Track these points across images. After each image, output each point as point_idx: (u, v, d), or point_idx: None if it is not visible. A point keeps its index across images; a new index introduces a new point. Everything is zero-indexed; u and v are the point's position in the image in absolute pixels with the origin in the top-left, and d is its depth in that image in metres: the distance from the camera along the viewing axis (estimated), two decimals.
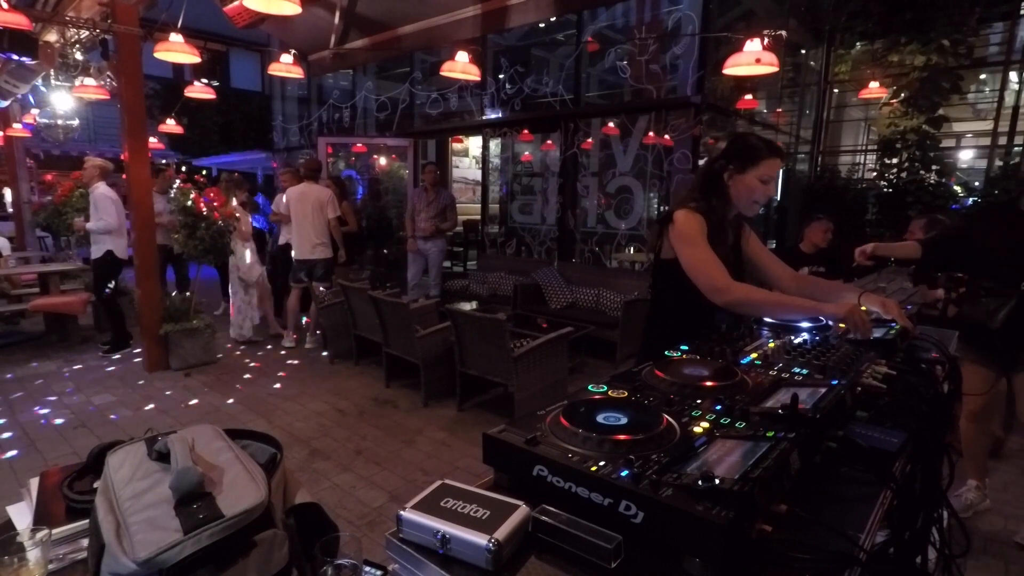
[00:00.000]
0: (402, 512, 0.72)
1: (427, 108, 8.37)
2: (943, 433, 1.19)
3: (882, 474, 0.87)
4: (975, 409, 2.72)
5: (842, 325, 1.44)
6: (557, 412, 0.89)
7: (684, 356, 1.28)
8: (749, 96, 6.33)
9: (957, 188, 6.60)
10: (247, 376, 4.90)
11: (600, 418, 0.87)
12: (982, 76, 7.33)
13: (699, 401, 0.98)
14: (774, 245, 7.87)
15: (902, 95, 6.34)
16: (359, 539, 0.84)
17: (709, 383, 1.06)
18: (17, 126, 8.03)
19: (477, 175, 10.83)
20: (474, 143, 11.24)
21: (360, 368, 5.13)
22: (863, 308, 1.49)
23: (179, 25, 4.43)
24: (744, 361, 1.23)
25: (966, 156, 8.31)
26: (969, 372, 2.64)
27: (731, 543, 0.63)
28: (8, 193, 10.13)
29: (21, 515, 0.99)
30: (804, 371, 1.14)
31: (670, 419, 0.88)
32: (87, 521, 0.83)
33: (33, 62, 5.71)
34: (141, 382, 4.73)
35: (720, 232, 1.81)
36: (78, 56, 5.84)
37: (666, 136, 5.97)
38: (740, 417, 0.90)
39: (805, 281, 1.92)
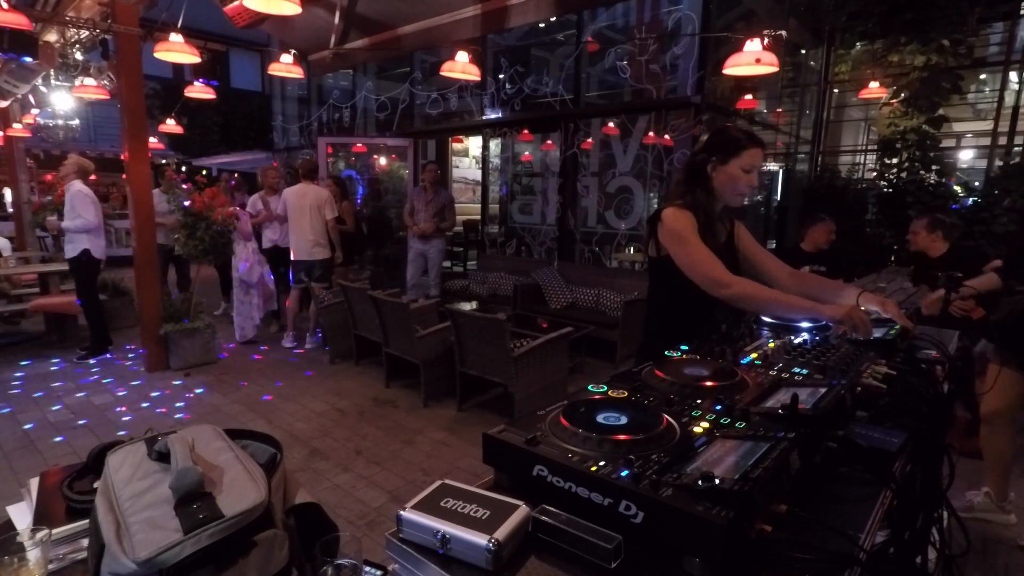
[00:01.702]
0: (402, 512, 0.72)
1: (427, 108, 8.37)
2: (943, 433, 1.19)
3: (882, 474, 0.87)
4: (987, 412, 2.69)
5: (842, 326, 1.44)
6: (557, 412, 0.89)
7: (684, 356, 1.28)
8: (749, 96, 6.33)
9: (957, 188, 6.59)
10: (247, 376, 4.90)
11: (600, 418, 0.87)
12: (982, 76, 7.32)
13: (699, 401, 0.98)
14: (774, 245, 7.87)
15: (902, 95, 6.33)
16: (359, 539, 0.84)
17: (709, 383, 1.06)
18: (17, 126, 8.03)
19: (477, 175, 10.83)
20: (474, 143, 11.25)
21: (360, 368, 5.13)
22: (862, 308, 1.49)
23: (179, 25, 4.43)
24: (744, 361, 1.24)
25: (966, 156, 8.31)
26: (991, 372, 2.63)
27: (731, 543, 0.63)
28: (8, 193, 10.13)
29: (21, 515, 0.99)
30: (804, 371, 1.15)
31: (670, 419, 0.88)
32: (87, 521, 0.83)
33: (33, 62, 5.71)
34: (141, 382, 4.73)
35: (710, 227, 1.82)
36: (78, 56, 5.84)
37: (666, 136, 5.97)
38: (740, 417, 0.90)
39: (803, 279, 1.92)
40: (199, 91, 6.30)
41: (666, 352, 1.31)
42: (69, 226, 4.95)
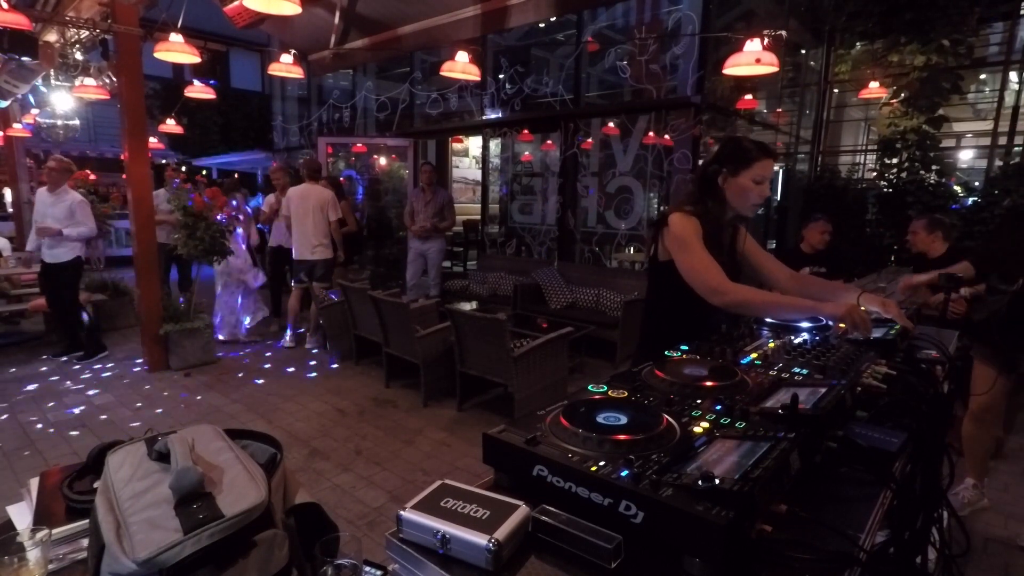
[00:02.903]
0: (402, 512, 0.72)
1: (427, 108, 8.37)
2: (943, 433, 1.19)
3: (882, 474, 0.87)
4: (978, 407, 2.73)
5: (842, 325, 1.44)
6: (557, 412, 0.89)
7: (684, 356, 1.28)
8: (749, 96, 6.33)
9: (957, 188, 6.59)
10: (247, 376, 4.90)
11: (600, 418, 0.87)
12: (982, 76, 7.32)
13: (699, 401, 0.98)
14: (774, 245, 7.87)
15: (902, 95, 6.33)
16: (359, 539, 0.84)
17: (709, 383, 1.06)
18: (17, 126, 8.03)
19: (477, 175, 10.83)
20: (474, 143, 11.24)
21: (360, 368, 5.12)
22: (862, 308, 1.49)
23: (179, 25, 4.43)
24: (744, 361, 1.24)
25: (966, 156, 8.31)
26: (978, 371, 2.66)
27: (731, 543, 0.63)
28: (8, 193, 10.13)
29: (21, 515, 0.99)
30: (804, 371, 1.15)
31: (670, 419, 0.88)
32: (87, 521, 0.83)
33: (33, 62, 5.71)
34: (141, 382, 4.73)
35: (717, 234, 1.82)
36: (78, 56, 5.84)
37: (666, 136, 5.97)
38: (740, 417, 0.90)
39: (804, 281, 1.92)
40: (199, 91, 6.30)
41: (665, 352, 1.31)
42: (72, 234, 4.91)
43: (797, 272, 2.01)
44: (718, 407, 0.94)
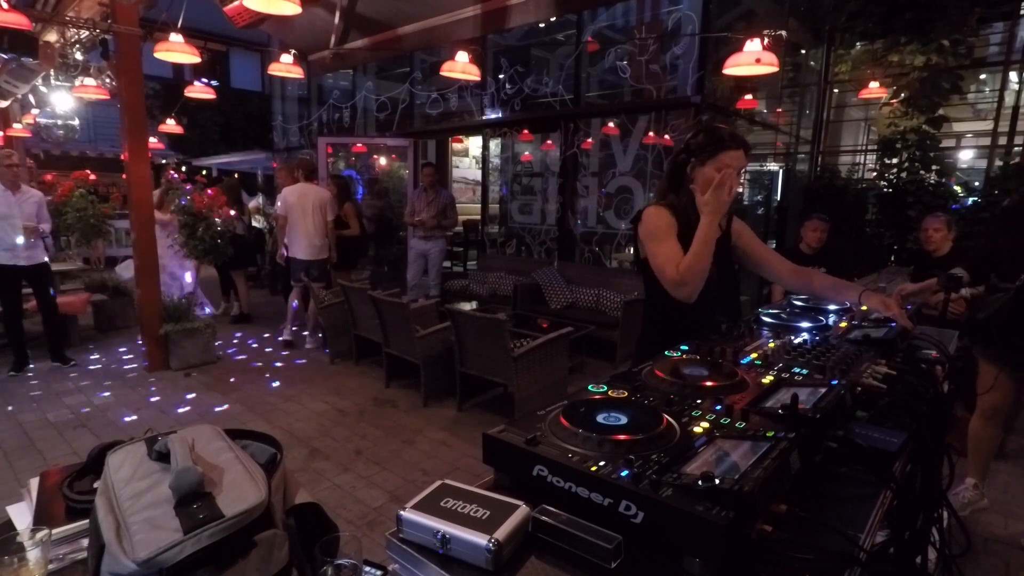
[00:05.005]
0: (402, 512, 0.72)
1: (427, 108, 8.36)
2: (943, 433, 1.19)
3: (882, 474, 0.87)
4: (988, 406, 2.73)
5: (865, 307, 1.45)
6: (557, 412, 0.89)
7: (684, 356, 1.28)
8: (749, 96, 6.33)
9: (957, 188, 6.59)
10: (247, 376, 4.90)
11: (600, 418, 0.88)
12: (982, 76, 7.32)
13: (699, 401, 0.98)
14: (774, 245, 7.86)
15: (902, 95, 6.33)
16: (359, 539, 0.84)
17: (709, 383, 1.06)
18: (17, 126, 8.03)
19: (477, 175, 10.83)
20: (474, 143, 11.24)
21: (360, 368, 5.12)
22: (863, 308, 1.49)
23: (179, 25, 4.43)
24: (744, 361, 1.24)
25: (966, 156, 8.30)
26: (984, 371, 2.67)
27: (731, 543, 0.63)
28: None
29: (21, 515, 0.99)
30: (804, 371, 1.15)
31: (670, 419, 0.88)
32: (87, 521, 0.83)
33: (33, 62, 5.71)
34: (141, 382, 4.73)
35: (694, 225, 1.72)
36: (78, 56, 5.85)
37: (666, 136, 5.97)
38: (740, 417, 0.90)
39: (805, 275, 1.88)
40: (199, 91, 6.31)
41: (665, 352, 1.31)
42: (46, 230, 4.86)
43: (800, 267, 1.99)
44: (718, 407, 0.94)
